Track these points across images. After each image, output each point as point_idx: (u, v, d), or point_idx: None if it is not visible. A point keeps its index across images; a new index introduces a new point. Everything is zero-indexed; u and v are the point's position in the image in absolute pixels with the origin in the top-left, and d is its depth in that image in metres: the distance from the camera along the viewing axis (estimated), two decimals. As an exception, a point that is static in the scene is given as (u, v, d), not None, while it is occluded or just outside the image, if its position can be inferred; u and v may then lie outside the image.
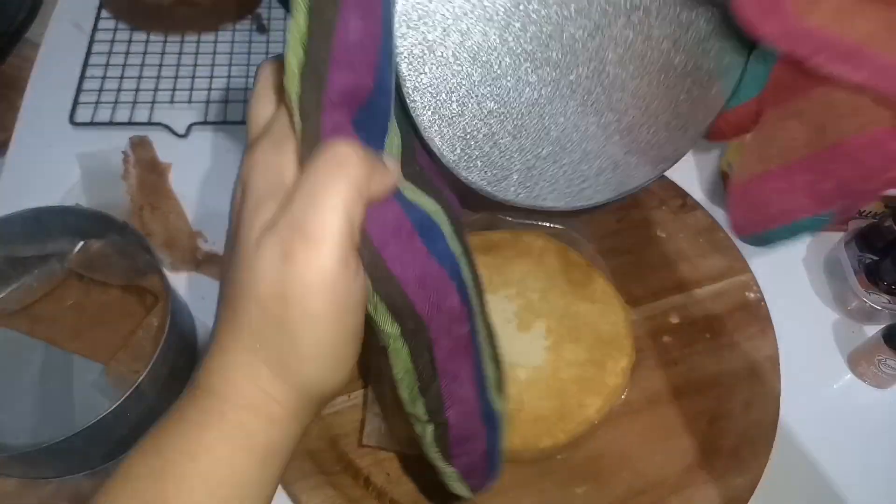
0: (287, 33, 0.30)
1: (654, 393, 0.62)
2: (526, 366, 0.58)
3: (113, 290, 0.61)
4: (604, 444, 0.59)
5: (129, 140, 0.74)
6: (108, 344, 0.58)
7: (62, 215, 0.60)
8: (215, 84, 0.79)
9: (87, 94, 0.78)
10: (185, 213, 0.70)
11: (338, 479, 0.57)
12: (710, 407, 0.61)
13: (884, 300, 0.65)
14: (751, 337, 0.65)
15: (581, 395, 0.57)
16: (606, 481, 0.58)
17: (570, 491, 0.57)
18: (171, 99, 0.78)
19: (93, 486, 0.56)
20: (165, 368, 0.53)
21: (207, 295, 0.66)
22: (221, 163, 0.75)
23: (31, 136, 0.76)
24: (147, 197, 0.71)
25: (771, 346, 0.64)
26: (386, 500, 0.56)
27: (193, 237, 0.69)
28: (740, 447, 0.60)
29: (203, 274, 0.68)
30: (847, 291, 0.67)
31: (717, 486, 0.58)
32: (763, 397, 0.62)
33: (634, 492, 0.57)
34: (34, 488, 0.56)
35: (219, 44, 0.83)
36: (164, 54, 0.82)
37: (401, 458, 0.58)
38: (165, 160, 0.74)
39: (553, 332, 0.60)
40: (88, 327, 0.60)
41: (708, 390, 0.62)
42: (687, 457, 0.59)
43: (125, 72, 0.80)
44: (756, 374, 0.63)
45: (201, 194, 0.72)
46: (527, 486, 0.57)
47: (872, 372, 0.64)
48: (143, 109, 0.77)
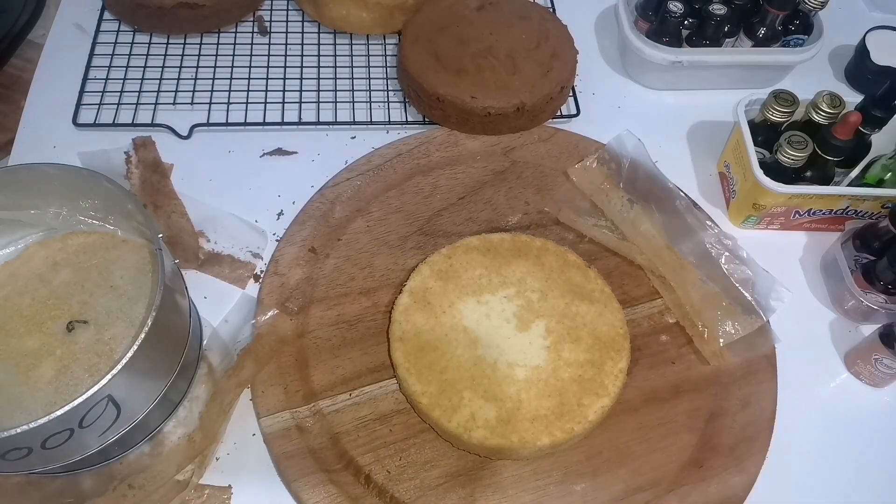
0: None
1: (652, 391, 0.62)
2: (525, 365, 0.59)
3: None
4: (602, 442, 0.60)
5: (133, 141, 0.75)
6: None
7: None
8: (217, 86, 0.80)
9: (89, 96, 0.78)
10: (187, 213, 0.71)
11: (338, 477, 0.57)
12: (708, 405, 0.62)
13: (880, 300, 0.65)
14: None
15: (580, 395, 0.58)
16: (605, 479, 0.58)
17: (568, 488, 0.58)
18: (174, 101, 0.79)
19: (95, 484, 0.57)
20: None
21: (210, 294, 0.67)
22: (224, 164, 0.76)
23: (34, 137, 0.76)
24: (150, 197, 0.71)
25: (768, 344, 0.65)
26: (386, 497, 0.57)
27: (196, 237, 0.70)
28: (737, 445, 0.60)
29: (205, 273, 0.68)
30: (844, 291, 0.68)
31: (714, 484, 0.59)
32: (760, 396, 0.63)
33: (632, 489, 0.58)
34: (38, 486, 0.57)
35: (221, 46, 0.84)
36: (167, 56, 0.82)
37: (401, 457, 0.58)
38: (168, 161, 0.75)
39: (552, 331, 0.61)
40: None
41: (705, 389, 0.63)
42: (684, 455, 0.60)
43: (128, 73, 0.81)
44: (753, 373, 0.64)
45: (204, 195, 0.72)
46: (526, 484, 0.58)
47: (869, 371, 0.65)
48: (145, 111, 0.78)
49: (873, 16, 0.95)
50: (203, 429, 0.58)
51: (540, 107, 0.76)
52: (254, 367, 0.61)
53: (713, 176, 0.79)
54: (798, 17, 0.82)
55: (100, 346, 0.56)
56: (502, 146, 0.77)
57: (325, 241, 0.69)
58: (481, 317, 0.61)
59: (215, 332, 0.64)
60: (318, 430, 0.59)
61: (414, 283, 0.63)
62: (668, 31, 0.81)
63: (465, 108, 0.74)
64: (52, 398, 0.54)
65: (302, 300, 0.66)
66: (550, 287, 0.63)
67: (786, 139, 0.68)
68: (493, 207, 0.72)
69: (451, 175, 0.74)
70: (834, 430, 0.64)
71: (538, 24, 0.80)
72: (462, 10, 0.80)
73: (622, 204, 0.71)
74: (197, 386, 0.61)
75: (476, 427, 0.56)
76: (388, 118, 0.79)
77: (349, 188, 0.73)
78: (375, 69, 0.83)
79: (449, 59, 0.76)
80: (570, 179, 0.74)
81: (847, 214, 0.72)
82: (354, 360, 0.63)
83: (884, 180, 0.70)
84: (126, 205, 0.56)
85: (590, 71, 0.86)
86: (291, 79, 0.81)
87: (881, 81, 0.70)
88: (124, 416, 0.51)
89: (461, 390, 0.58)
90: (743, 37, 0.82)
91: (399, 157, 0.75)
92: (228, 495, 0.58)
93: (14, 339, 0.56)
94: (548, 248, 0.65)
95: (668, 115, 0.83)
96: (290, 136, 0.78)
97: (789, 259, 0.73)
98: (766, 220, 0.73)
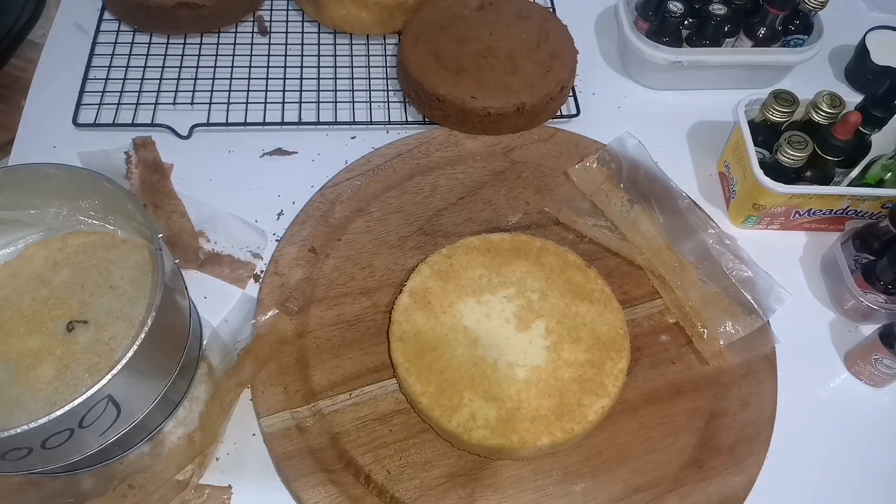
0: None
1: (652, 391, 0.63)
2: (525, 365, 0.59)
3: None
4: (602, 442, 0.60)
5: (133, 141, 0.75)
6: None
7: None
8: (217, 86, 0.80)
9: (89, 96, 0.78)
10: (187, 213, 0.71)
11: (338, 477, 0.57)
12: (708, 405, 0.62)
13: (880, 300, 0.65)
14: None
15: (580, 395, 0.58)
16: (605, 479, 0.58)
17: (568, 488, 0.58)
18: (174, 101, 0.79)
19: (95, 484, 0.57)
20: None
21: (210, 294, 0.67)
22: (224, 164, 0.76)
23: (34, 137, 0.76)
24: (150, 197, 0.71)
25: (768, 344, 0.65)
26: (386, 497, 0.57)
27: (196, 237, 0.70)
28: (737, 445, 0.60)
29: (205, 273, 0.68)
30: (844, 291, 0.68)
31: (714, 484, 0.59)
32: (760, 396, 0.63)
33: (632, 489, 0.58)
34: (38, 486, 0.57)
35: (221, 46, 0.84)
36: (167, 56, 0.82)
37: (401, 457, 0.58)
38: (168, 161, 0.75)
39: (552, 332, 0.61)
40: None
41: (705, 389, 0.63)
42: (684, 454, 0.60)
43: (128, 73, 0.81)
44: (753, 373, 0.64)
45: (204, 195, 0.72)
46: (526, 484, 0.58)
47: (869, 371, 0.65)
48: (145, 111, 0.78)
49: (873, 16, 0.95)
50: (203, 429, 0.58)
51: (540, 107, 0.76)
52: (254, 367, 0.61)
53: (713, 176, 0.79)
54: (798, 17, 0.82)
55: (100, 346, 0.56)
56: (502, 146, 0.77)
57: (325, 241, 0.69)
58: (481, 317, 0.61)
59: (215, 332, 0.64)
60: (318, 430, 0.59)
61: (414, 283, 0.63)
62: (668, 31, 0.81)
63: (465, 108, 0.74)
64: (52, 398, 0.54)
65: (302, 300, 0.66)
66: (550, 287, 0.63)
67: (786, 139, 0.68)
68: (493, 207, 0.72)
69: (451, 175, 0.74)
70: (834, 430, 0.64)
71: (538, 24, 0.80)
72: (462, 10, 0.80)
73: (622, 204, 0.71)
74: (197, 386, 0.61)
75: (476, 427, 0.56)
76: (388, 118, 0.79)
77: (349, 188, 0.73)
78: (375, 69, 0.83)
79: (449, 59, 0.76)
80: (570, 179, 0.74)
81: (847, 214, 0.72)
82: (354, 360, 0.63)
83: (884, 180, 0.70)
84: (126, 205, 0.56)
85: (590, 71, 0.86)
86: (291, 79, 0.81)
87: (881, 81, 0.70)
88: (124, 416, 0.51)
89: (461, 390, 0.57)
90: (743, 37, 0.82)
91: (399, 156, 0.75)
92: (228, 495, 0.58)
93: (14, 339, 0.56)
94: (548, 248, 0.65)
95: (668, 115, 0.83)
96: (290, 136, 0.78)
97: (789, 259, 0.73)
98: (766, 220, 0.73)
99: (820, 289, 0.71)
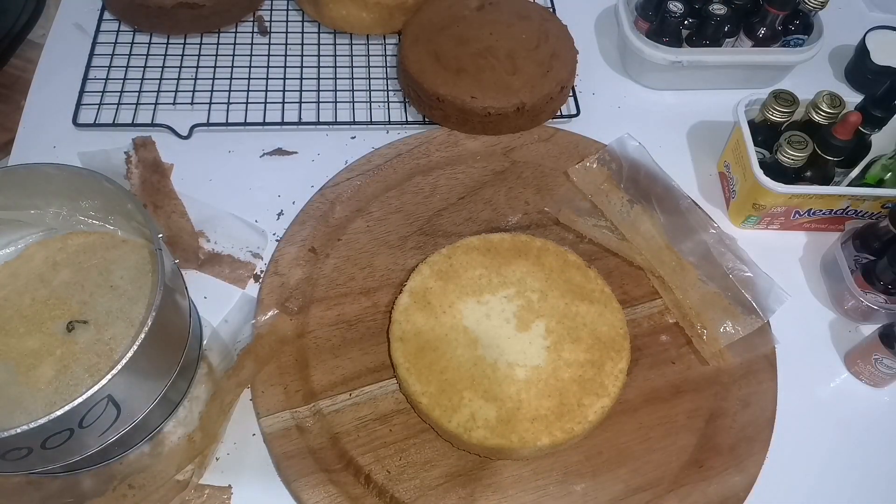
0: None
1: (652, 391, 0.63)
2: (525, 365, 0.59)
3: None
4: (602, 442, 0.60)
5: (133, 141, 0.75)
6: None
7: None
8: (217, 86, 0.80)
9: (89, 96, 0.78)
10: (187, 213, 0.71)
11: (338, 477, 0.57)
12: (708, 405, 0.62)
13: (880, 300, 0.65)
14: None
15: (580, 395, 0.58)
16: (605, 479, 0.58)
17: (568, 488, 0.58)
18: (174, 101, 0.79)
19: (95, 484, 0.57)
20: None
21: (210, 294, 0.67)
22: (224, 164, 0.76)
23: (34, 137, 0.76)
24: (150, 197, 0.71)
25: (768, 344, 0.65)
26: (386, 497, 0.57)
27: (196, 237, 0.70)
28: (738, 445, 0.60)
29: (205, 273, 0.68)
30: (844, 291, 0.68)
31: (714, 484, 0.59)
32: (760, 396, 0.63)
33: (632, 489, 0.58)
34: (38, 486, 0.57)
35: (221, 46, 0.84)
36: (167, 56, 0.82)
37: (401, 457, 0.58)
38: (168, 161, 0.75)
39: (552, 332, 0.61)
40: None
41: (705, 389, 0.63)
42: (684, 455, 0.60)
43: (128, 73, 0.81)
44: (753, 373, 0.64)
45: (203, 195, 0.72)
46: (526, 484, 0.58)
47: (869, 371, 0.65)
48: (145, 111, 0.78)
49: (873, 16, 0.95)
50: (203, 429, 0.58)
51: (540, 107, 0.76)
52: (254, 367, 0.61)
53: (713, 176, 0.79)
54: (798, 17, 0.82)
55: (100, 346, 0.56)
56: (502, 146, 0.77)
57: (325, 241, 0.69)
58: (481, 317, 0.61)
59: (215, 332, 0.64)
60: (318, 430, 0.59)
61: (414, 283, 0.63)
62: (668, 31, 0.81)
63: (465, 108, 0.74)
64: (52, 398, 0.54)
65: (302, 300, 0.66)
66: (550, 287, 0.63)
67: (786, 139, 0.68)
68: (493, 207, 0.72)
69: (451, 175, 0.74)
70: (834, 430, 0.64)
71: (538, 24, 0.80)
72: (462, 10, 0.80)
73: (622, 204, 0.71)
74: (197, 386, 0.61)
75: (476, 427, 0.56)
76: (388, 118, 0.79)
77: (349, 188, 0.73)
78: (375, 69, 0.83)
79: (449, 59, 0.76)
80: (570, 179, 0.74)
81: (847, 214, 0.72)
82: (354, 360, 0.63)
83: (884, 180, 0.70)
84: (126, 205, 0.55)
85: (590, 71, 0.86)
86: (291, 79, 0.81)
87: (881, 81, 0.70)
88: (124, 416, 0.51)
89: (461, 390, 0.58)
90: (743, 37, 0.82)
91: (399, 156, 0.75)
92: (228, 495, 0.58)
93: (14, 339, 0.56)
94: (548, 249, 0.65)
95: (668, 115, 0.83)
96: (290, 136, 0.78)
97: (789, 259, 0.73)
98: (766, 220, 0.73)
99: (820, 289, 0.71)
